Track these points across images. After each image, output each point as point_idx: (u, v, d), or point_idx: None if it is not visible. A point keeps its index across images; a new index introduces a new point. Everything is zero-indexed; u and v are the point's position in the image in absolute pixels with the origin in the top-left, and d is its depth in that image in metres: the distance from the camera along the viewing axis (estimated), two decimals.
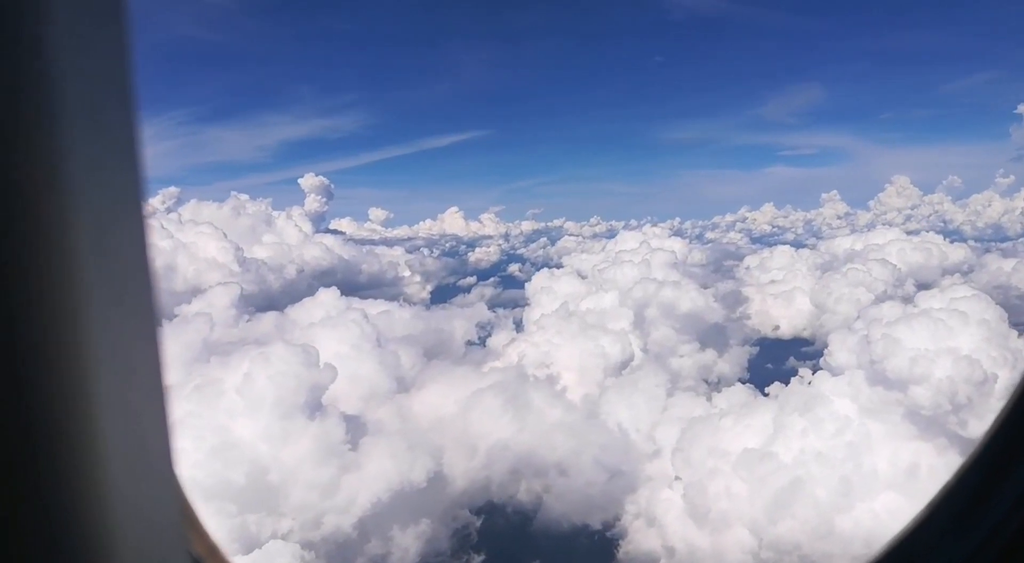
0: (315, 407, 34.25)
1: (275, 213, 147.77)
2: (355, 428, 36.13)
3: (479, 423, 41.70)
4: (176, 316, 57.97)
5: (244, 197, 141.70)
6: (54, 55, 0.73)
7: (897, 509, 42.98)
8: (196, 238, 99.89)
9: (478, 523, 39.55)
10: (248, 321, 61.33)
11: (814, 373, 50.04)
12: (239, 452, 30.15)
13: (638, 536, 49.10)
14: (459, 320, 71.54)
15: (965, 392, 44.03)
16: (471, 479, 40.00)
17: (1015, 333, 48.55)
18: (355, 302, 66.78)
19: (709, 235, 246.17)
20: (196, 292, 72.51)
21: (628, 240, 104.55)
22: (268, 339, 46.88)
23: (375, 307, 66.41)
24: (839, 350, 48.95)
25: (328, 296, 50.95)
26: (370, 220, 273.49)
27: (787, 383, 58.71)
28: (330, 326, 44.97)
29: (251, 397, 32.29)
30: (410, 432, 38.62)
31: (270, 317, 53.75)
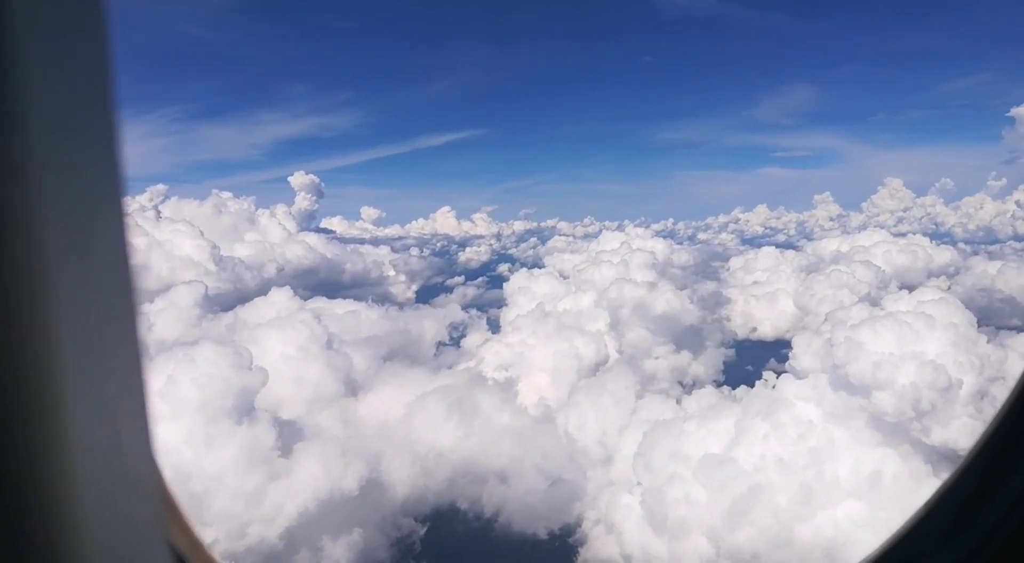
0: (244, 411, 32.98)
1: (259, 211, 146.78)
2: (290, 433, 34.87)
3: (429, 428, 40.50)
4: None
5: (227, 194, 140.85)
6: (25, 54, 0.73)
7: (859, 518, 41.96)
8: (172, 236, 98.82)
9: (422, 531, 38.31)
10: (212, 321, 60.25)
11: (778, 376, 48.97)
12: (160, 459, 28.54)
13: (597, 543, 48.04)
14: (430, 321, 70.39)
15: (929, 398, 42.95)
16: (416, 486, 38.80)
17: (984, 338, 47.49)
18: (320, 301, 65.77)
19: (701, 236, 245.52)
20: (168, 290, 71.28)
21: (610, 240, 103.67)
22: (220, 340, 45.72)
23: (343, 307, 65.36)
24: (803, 353, 47.86)
25: (280, 296, 49.81)
26: (362, 219, 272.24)
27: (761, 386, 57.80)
28: (278, 327, 43.79)
29: (174, 401, 31.05)
30: (352, 438, 37.45)
31: (230, 317, 52.62)
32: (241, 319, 49.04)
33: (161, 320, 56.34)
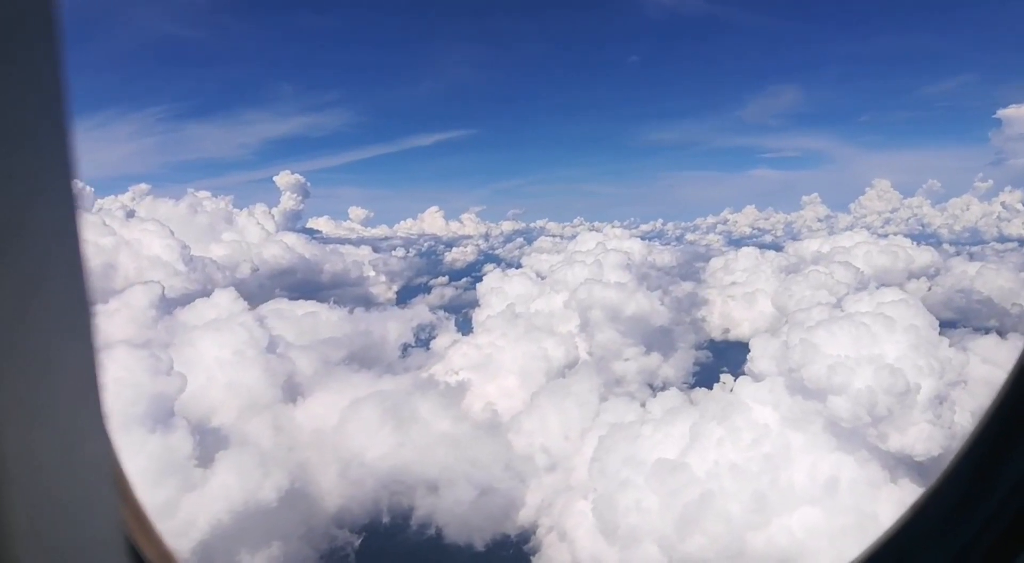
0: (160, 419, 31.34)
1: (238, 211, 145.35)
2: (213, 442, 33.30)
3: (368, 435, 38.95)
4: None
5: (204, 194, 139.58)
6: None
7: (814, 525, 40.86)
8: (141, 235, 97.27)
9: (357, 543, 36.79)
10: (168, 323, 58.69)
11: (735, 379, 47.80)
12: None
13: (551, 551, 46.84)
14: (395, 322, 68.89)
15: (886, 403, 41.79)
16: (351, 495, 37.25)
17: (946, 341, 46.30)
18: (281, 303, 64.41)
19: (689, 237, 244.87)
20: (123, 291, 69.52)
21: (587, 241, 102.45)
22: (157, 343, 44.30)
23: (303, 308, 63.99)
24: (761, 355, 46.67)
25: (224, 298, 48.23)
26: (349, 219, 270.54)
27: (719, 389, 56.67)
28: (215, 330, 42.27)
29: None
30: (283, 446, 35.95)
31: (173, 320, 50.82)
32: (180, 321, 47.59)
33: (113, 321, 54.89)
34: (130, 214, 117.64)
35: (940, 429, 41.89)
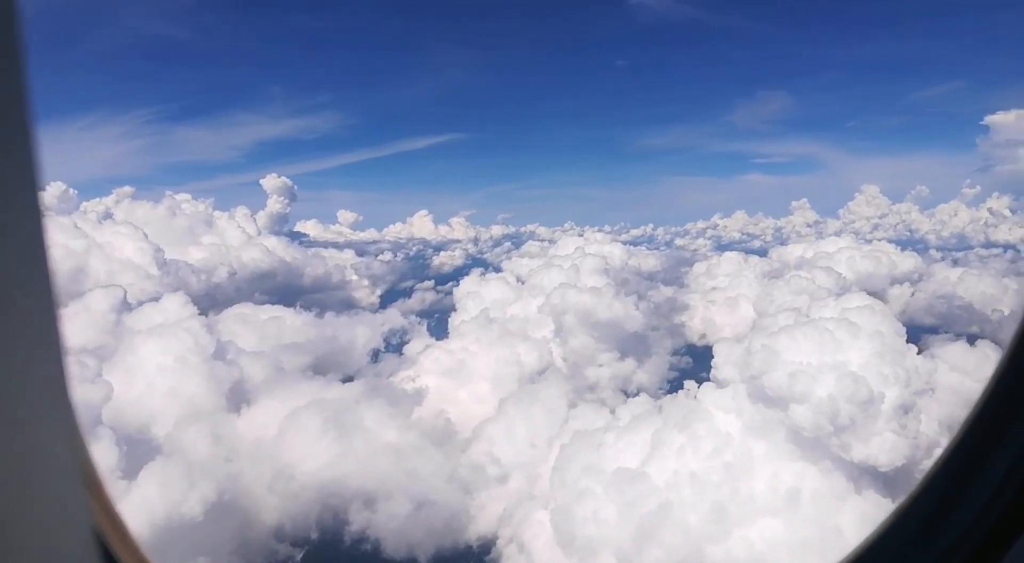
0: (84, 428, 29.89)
1: (220, 213, 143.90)
2: (142, 452, 31.90)
3: (313, 445, 37.67)
4: None
5: (183, 196, 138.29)
6: None
7: (774, 537, 39.83)
8: (113, 238, 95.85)
9: (299, 556, 35.43)
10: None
11: (699, 385, 46.67)
12: None
13: (510, 562, 45.76)
14: (364, 327, 67.61)
15: (848, 412, 40.73)
16: (293, 508, 35.91)
17: (913, 349, 45.22)
18: (245, 308, 63.17)
19: (679, 242, 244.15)
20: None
21: (567, 245, 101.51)
22: (107, 350, 42.98)
23: (267, 312, 62.77)
24: (724, 361, 45.60)
25: (173, 302, 46.87)
26: (338, 222, 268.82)
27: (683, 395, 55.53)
28: (159, 335, 40.91)
29: None
30: (219, 457, 34.62)
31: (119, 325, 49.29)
32: (128, 327, 46.15)
33: (69, 326, 53.55)
34: (106, 217, 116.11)
35: (905, 439, 40.83)
